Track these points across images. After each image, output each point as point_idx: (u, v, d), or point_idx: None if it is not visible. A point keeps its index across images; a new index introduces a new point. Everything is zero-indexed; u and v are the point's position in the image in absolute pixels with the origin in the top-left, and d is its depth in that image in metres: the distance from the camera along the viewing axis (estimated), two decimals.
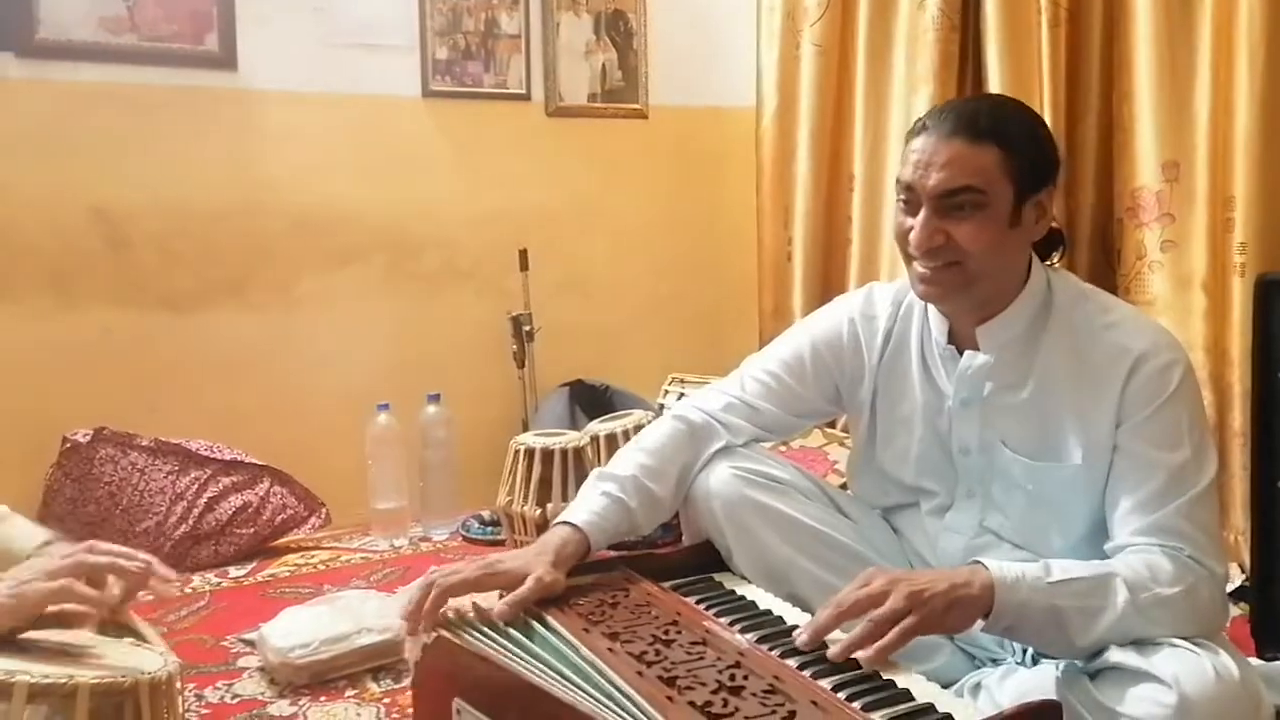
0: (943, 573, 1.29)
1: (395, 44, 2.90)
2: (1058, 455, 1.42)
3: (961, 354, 1.48)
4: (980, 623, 1.26)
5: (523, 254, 2.99)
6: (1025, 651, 1.47)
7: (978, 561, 1.29)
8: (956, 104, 1.48)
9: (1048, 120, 1.98)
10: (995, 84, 2.50)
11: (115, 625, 1.31)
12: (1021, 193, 1.37)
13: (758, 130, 3.15)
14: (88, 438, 2.51)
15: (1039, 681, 1.33)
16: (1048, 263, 1.51)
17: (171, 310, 2.69)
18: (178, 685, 1.16)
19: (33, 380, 2.53)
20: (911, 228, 1.39)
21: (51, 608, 1.16)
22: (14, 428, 2.49)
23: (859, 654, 1.18)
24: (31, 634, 1.18)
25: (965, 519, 1.52)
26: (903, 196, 1.41)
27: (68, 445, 2.50)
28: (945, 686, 1.20)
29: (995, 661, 1.50)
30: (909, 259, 1.43)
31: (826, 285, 3.01)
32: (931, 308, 1.51)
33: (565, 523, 1.48)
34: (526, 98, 3.09)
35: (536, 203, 3.12)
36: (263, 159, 2.77)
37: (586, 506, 1.50)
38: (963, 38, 2.64)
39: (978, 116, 1.38)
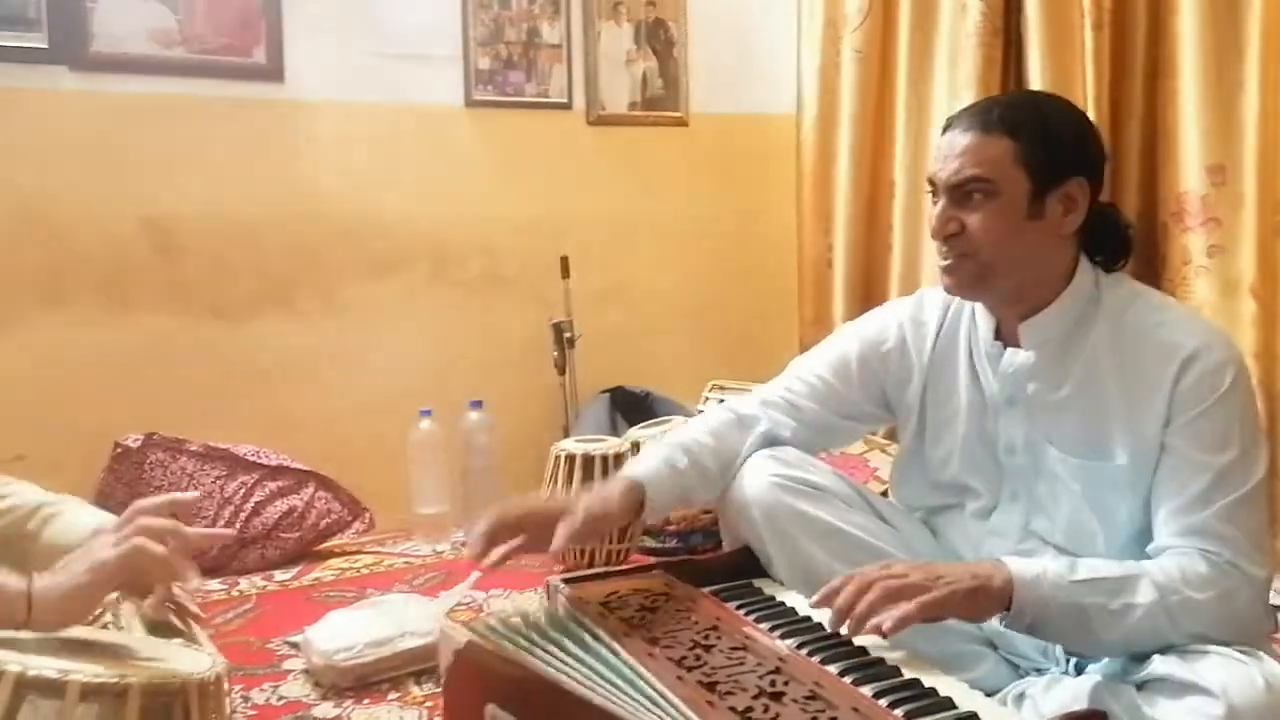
0: (966, 565, 1.32)
1: (439, 54, 2.93)
2: (1104, 454, 1.40)
3: (1006, 351, 1.48)
4: (997, 618, 1.28)
5: (564, 261, 3.01)
6: (1070, 661, 1.45)
7: (1000, 559, 1.30)
8: (982, 100, 1.52)
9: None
10: (1037, 88, 2.49)
11: (165, 626, 1.34)
12: (1040, 185, 1.38)
13: (798, 137, 3.15)
14: (138, 443, 2.56)
15: (1084, 691, 1.31)
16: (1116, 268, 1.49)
17: (220, 318, 2.74)
18: (225, 686, 1.18)
19: (85, 386, 2.58)
20: None
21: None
22: (67, 432, 2.54)
23: (881, 621, 1.18)
24: (82, 633, 1.21)
25: (1010, 521, 1.51)
26: (929, 190, 1.47)
27: (119, 450, 2.55)
28: (989, 695, 1.19)
29: (1039, 671, 1.49)
30: (939, 253, 1.46)
31: (868, 292, 3.00)
32: (980, 306, 1.52)
33: (626, 475, 1.55)
34: (568, 106, 3.12)
35: (578, 211, 3.14)
36: (309, 169, 2.81)
37: (644, 464, 1.56)
38: (1005, 43, 2.63)
39: (993, 110, 1.41)
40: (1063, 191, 1.39)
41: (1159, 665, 1.23)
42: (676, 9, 3.23)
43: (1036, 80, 2.49)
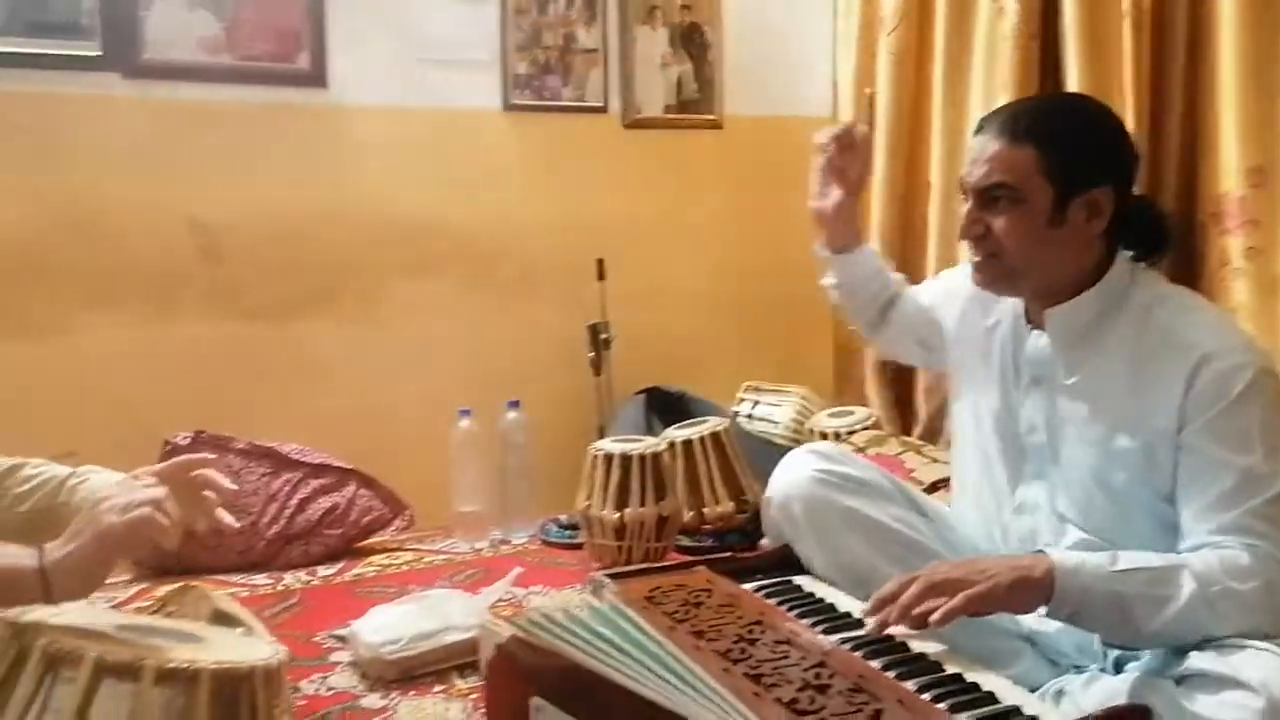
0: (1007, 558, 1.34)
1: (477, 60, 2.98)
2: (1111, 440, 1.43)
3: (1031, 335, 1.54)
4: (1042, 609, 1.29)
5: (600, 263, 3.04)
6: (1108, 658, 1.47)
7: (1041, 550, 1.32)
8: (1012, 104, 1.59)
9: (1129, 125, 1.97)
10: (1075, 90, 2.49)
11: (227, 617, 1.39)
12: (1064, 192, 1.42)
13: None
14: (187, 440, 2.62)
15: (1123, 688, 1.33)
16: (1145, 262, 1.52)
17: (264, 318, 2.79)
18: (286, 674, 1.22)
19: (135, 384, 2.64)
20: None
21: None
22: (118, 430, 2.59)
23: (925, 611, 1.21)
24: (152, 621, 1.26)
25: (1034, 499, 1.54)
26: (961, 193, 1.53)
27: (169, 448, 2.60)
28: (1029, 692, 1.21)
29: (1078, 669, 1.50)
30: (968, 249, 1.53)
31: None
32: None
33: None
34: (604, 110, 3.15)
35: (613, 213, 3.17)
36: (350, 172, 2.86)
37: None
38: (1042, 45, 2.63)
39: (1020, 117, 1.47)
40: (1086, 199, 1.43)
41: (1197, 660, 1.24)
42: (711, 12, 3.26)
43: (1074, 82, 2.49)
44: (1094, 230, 1.45)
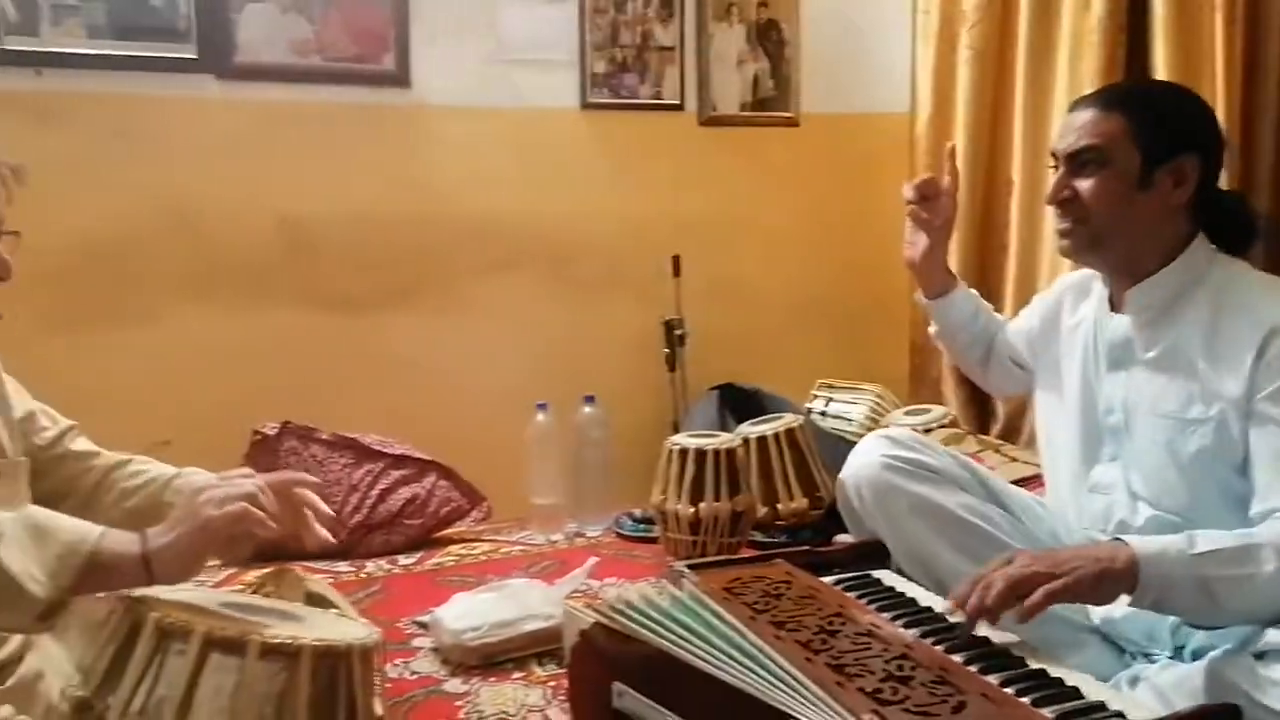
0: (1086, 549, 1.34)
1: (556, 59, 3.02)
2: (1189, 414, 1.45)
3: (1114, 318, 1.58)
4: (1125, 598, 1.28)
5: (675, 260, 3.07)
6: (1175, 643, 1.46)
7: (1119, 539, 1.32)
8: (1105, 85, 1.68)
9: (1219, 119, 1.94)
10: None
11: (321, 599, 1.44)
12: (1151, 158, 1.47)
13: (911, 135, 3.15)
14: (275, 430, 2.70)
15: (1199, 667, 1.34)
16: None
17: (348, 312, 2.87)
18: (380, 654, 1.26)
19: (226, 375, 2.73)
20: None
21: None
22: (209, 419, 2.68)
23: (1008, 613, 1.21)
24: (254, 600, 1.31)
25: (1109, 479, 1.56)
26: (1051, 165, 1.58)
27: (257, 437, 2.69)
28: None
29: (1146, 656, 1.49)
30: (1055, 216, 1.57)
31: (982, 291, 2.95)
32: (1100, 278, 1.63)
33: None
34: (680, 108, 3.18)
35: (689, 210, 3.20)
36: (432, 170, 2.92)
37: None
38: (1130, 39, 2.59)
39: (1113, 90, 1.58)
40: (1172, 165, 1.48)
41: (1274, 635, 1.26)
42: (789, 9, 3.26)
43: (1162, 77, 2.44)
44: (1178, 200, 1.49)
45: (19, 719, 1.24)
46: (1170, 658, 1.46)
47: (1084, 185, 1.50)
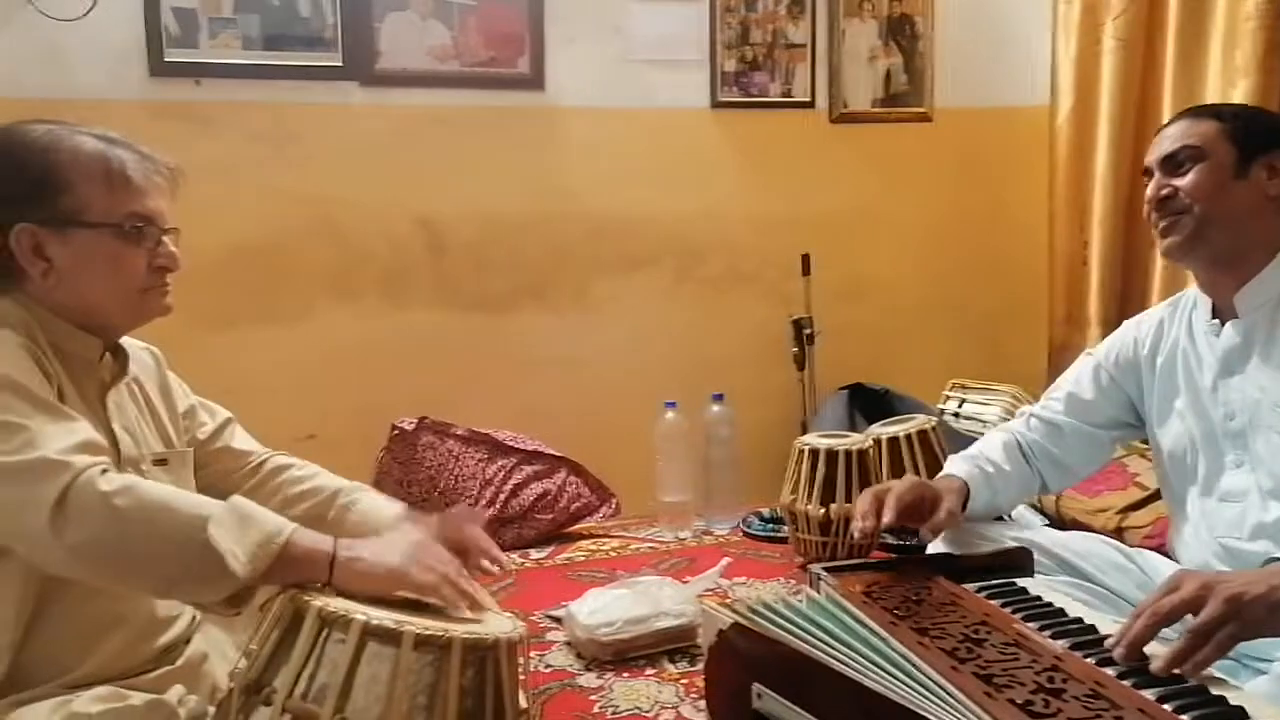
0: (1256, 574, 1.27)
1: (687, 58, 3.03)
2: None
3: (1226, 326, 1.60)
4: None
5: (805, 258, 3.04)
6: None
7: (1275, 559, 1.30)
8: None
9: None
10: None
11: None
12: (1245, 153, 1.55)
13: (1051, 129, 3.05)
14: (412, 426, 2.78)
15: None
16: None
17: (483, 311, 2.94)
18: (525, 647, 1.29)
19: (367, 372, 2.83)
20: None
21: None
22: (351, 414, 2.79)
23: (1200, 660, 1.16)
24: (405, 591, 1.36)
25: (1239, 486, 1.56)
26: (1147, 175, 1.64)
27: (396, 432, 2.78)
28: None
29: (1261, 662, 1.41)
30: (1154, 227, 1.62)
31: (1127, 291, 2.89)
32: (1199, 292, 1.66)
33: (950, 474, 1.78)
34: (811, 105, 3.15)
35: (819, 208, 3.17)
36: (564, 171, 2.97)
37: (956, 468, 1.76)
38: None
39: (1200, 106, 1.66)
40: (1267, 160, 1.55)
41: None
42: (924, 2, 3.20)
43: None
44: (1276, 189, 1.55)
45: (189, 698, 1.31)
46: None
47: (1182, 181, 1.56)
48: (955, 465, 1.81)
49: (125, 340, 1.47)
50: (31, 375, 1.25)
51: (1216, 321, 1.62)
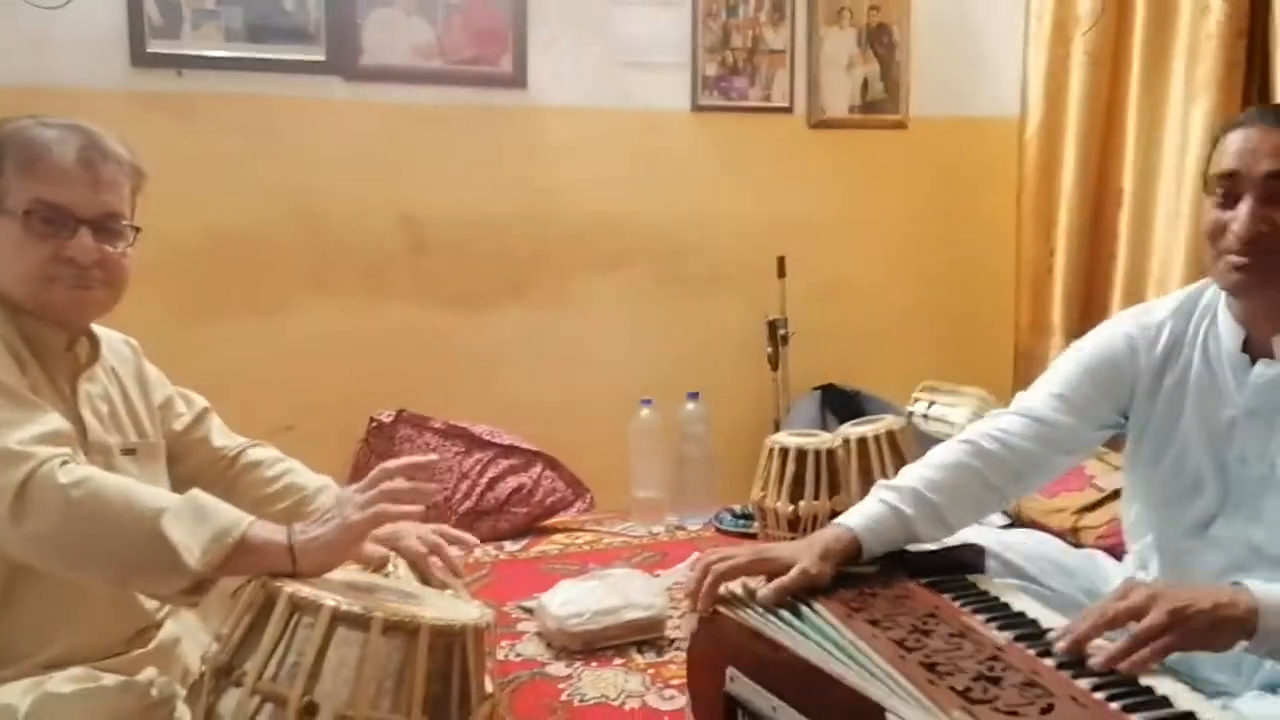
0: (1205, 589, 1.27)
1: (668, 62, 3.08)
2: None
3: (1254, 363, 1.44)
4: (1244, 643, 1.26)
5: (780, 261, 3.10)
6: (1254, 679, 1.42)
7: (1238, 583, 1.26)
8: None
9: None
10: None
11: (437, 581, 1.52)
12: None
13: (1021, 140, 3.12)
14: (390, 419, 2.82)
15: None
16: None
17: (462, 307, 2.98)
18: (492, 634, 1.34)
19: (346, 365, 2.86)
20: (1227, 221, 1.37)
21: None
22: (330, 407, 2.82)
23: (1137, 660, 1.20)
24: (373, 580, 1.40)
25: (1230, 533, 1.48)
26: (1221, 189, 1.39)
27: (374, 425, 2.82)
28: None
29: (1223, 694, 1.44)
30: (1220, 253, 1.40)
31: (1089, 300, 2.95)
32: (1225, 316, 1.49)
33: (840, 524, 1.52)
34: (789, 110, 3.21)
35: (796, 212, 3.22)
36: (546, 170, 3.01)
37: (863, 511, 1.53)
38: (1249, 43, 2.53)
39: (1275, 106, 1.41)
40: None
41: None
42: (901, 12, 3.26)
43: None
44: None
45: (161, 680, 1.35)
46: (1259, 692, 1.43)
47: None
48: (874, 497, 1.56)
49: (102, 331, 1.48)
50: (1, 362, 1.27)
51: (1246, 356, 1.45)
